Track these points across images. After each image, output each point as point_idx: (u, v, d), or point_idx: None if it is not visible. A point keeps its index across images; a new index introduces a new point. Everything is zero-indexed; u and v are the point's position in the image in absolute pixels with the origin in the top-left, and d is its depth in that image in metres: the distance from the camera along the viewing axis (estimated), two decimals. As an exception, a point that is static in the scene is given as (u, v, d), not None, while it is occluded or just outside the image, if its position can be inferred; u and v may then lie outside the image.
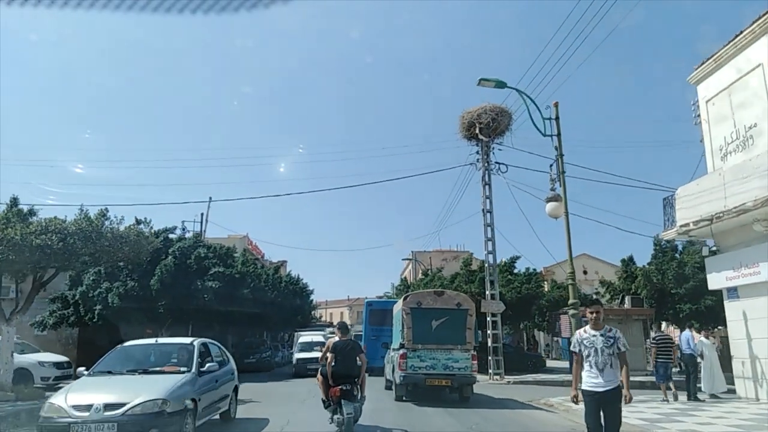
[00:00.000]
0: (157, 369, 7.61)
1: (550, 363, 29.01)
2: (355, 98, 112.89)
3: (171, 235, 20.81)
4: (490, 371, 19.86)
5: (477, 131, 21.10)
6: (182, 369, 7.53)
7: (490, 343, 20.26)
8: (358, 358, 7.88)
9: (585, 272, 39.63)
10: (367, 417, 9.23)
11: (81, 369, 8.10)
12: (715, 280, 13.02)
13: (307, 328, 32.98)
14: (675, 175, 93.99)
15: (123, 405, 6.33)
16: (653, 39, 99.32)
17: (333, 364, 7.74)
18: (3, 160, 60.50)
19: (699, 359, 12.32)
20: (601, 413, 5.06)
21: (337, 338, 8.27)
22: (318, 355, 10.60)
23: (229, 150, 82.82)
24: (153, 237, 19.57)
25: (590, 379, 5.12)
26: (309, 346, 22.59)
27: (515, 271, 26.46)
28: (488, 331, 20.45)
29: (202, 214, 26.53)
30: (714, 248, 13.03)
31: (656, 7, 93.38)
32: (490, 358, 19.98)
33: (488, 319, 20.50)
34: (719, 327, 20.99)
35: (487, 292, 20.89)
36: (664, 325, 25.25)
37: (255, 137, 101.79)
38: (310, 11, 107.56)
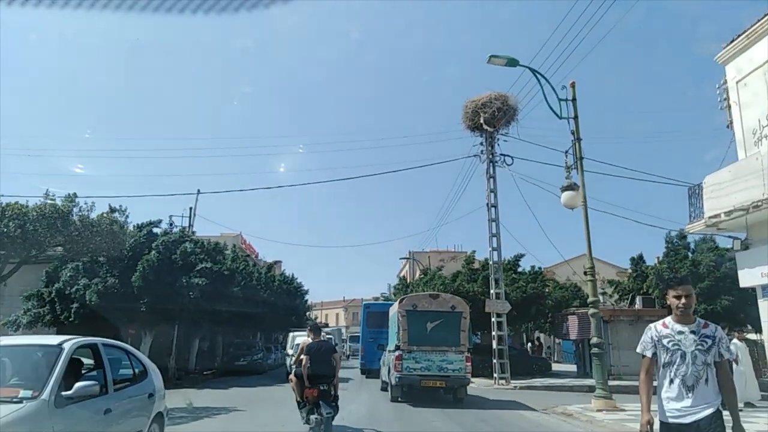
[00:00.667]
0: None
1: (554, 366, 27.87)
2: (355, 98, 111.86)
3: (155, 229, 19.48)
4: (495, 375, 18.65)
5: (482, 121, 19.97)
6: (22, 394, 4.08)
7: (494, 345, 19.01)
8: (332, 358, 7.83)
9: (585, 273, 38.49)
10: (363, 419, 9.25)
11: None
12: (748, 277, 11.86)
13: (303, 329, 31.64)
14: (677, 172, 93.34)
15: None
16: (653, 38, 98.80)
17: (308, 365, 7.65)
18: (3, 160, 59.10)
19: (734, 364, 11.16)
20: None
21: (309, 339, 8.11)
22: None
23: (228, 149, 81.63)
24: (135, 231, 18.32)
25: (671, 404, 3.20)
26: None
27: (519, 269, 25.27)
28: (493, 333, 19.22)
29: (190, 209, 25.23)
30: (748, 241, 11.89)
31: (657, 7, 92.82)
32: (494, 361, 18.74)
33: (493, 319, 19.25)
34: (735, 329, 19.96)
35: (492, 291, 19.68)
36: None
37: (254, 136, 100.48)
38: (310, 11, 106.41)
